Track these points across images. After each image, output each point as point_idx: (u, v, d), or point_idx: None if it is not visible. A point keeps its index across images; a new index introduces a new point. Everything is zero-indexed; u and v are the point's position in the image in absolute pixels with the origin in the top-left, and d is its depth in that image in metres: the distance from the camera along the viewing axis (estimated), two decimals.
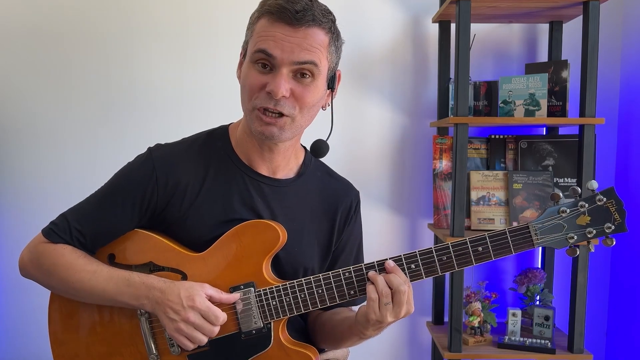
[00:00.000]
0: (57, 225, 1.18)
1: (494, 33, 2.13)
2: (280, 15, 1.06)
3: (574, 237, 1.05)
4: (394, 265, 1.08)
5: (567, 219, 1.05)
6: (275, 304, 1.13)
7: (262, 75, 1.09)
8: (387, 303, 1.05)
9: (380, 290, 1.05)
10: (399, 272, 1.07)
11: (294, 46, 1.07)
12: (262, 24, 1.09)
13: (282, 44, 1.06)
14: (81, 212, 1.19)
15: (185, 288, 1.09)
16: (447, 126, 1.99)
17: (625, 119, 2.09)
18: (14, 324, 2.12)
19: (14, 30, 2.08)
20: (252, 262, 1.15)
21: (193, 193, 1.18)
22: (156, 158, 1.18)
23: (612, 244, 1.04)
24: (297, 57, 1.07)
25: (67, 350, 1.22)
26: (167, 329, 1.11)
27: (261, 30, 1.09)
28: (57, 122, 2.10)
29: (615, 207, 1.03)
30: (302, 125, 1.15)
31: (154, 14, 2.09)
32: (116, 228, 1.18)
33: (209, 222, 1.17)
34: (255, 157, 1.21)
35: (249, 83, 1.11)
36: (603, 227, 1.04)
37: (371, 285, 1.07)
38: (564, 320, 1.93)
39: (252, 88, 1.10)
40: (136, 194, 1.17)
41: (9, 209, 2.11)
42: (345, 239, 1.31)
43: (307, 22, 1.06)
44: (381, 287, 1.06)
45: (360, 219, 1.35)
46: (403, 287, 1.05)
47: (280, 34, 1.07)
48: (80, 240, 1.17)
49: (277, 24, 1.07)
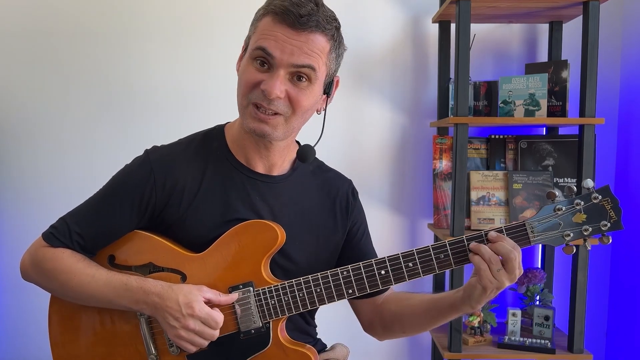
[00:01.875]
0: (56, 229, 1.19)
1: (494, 33, 2.13)
2: (284, 16, 1.07)
3: (570, 234, 1.06)
4: (497, 234, 1.06)
5: (563, 217, 1.05)
6: (273, 303, 1.13)
7: (259, 73, 1.10)
8: (498, 269, 1.04)
9: (488, 258, 1.04)
10: (505, 239, 1.06)
11: (294, 49, 1.07)
12: (266, 22, 1.10)
13: (283, 45, 1.07)
14: (80, 215, 1.19)
15: (183, 294, 1.09)
16: (447, 126, 1.99)
17: (625, 119, 2.09)
18: (14, 324, 2.13)
19: (11, 31, 2.08)
20: (251, 262, 1.15)
21: (191, 194, 1.18)
22: (153, 160, 1.19)
23: (609, 242, 1.05)
24: (295, 60, 1.08)
25: (68, 351, 1.22)
26: (167, 334, 1.12)
27: (264, 29, 1.09)
28: (55, 122, 2.10)
29: (611, 205, 1.04)
30: (294, 126, 1.16)
31: (151, 15, 2.09)
32: (115, 230, 1.19)
33: (207, 223, 1.18)
34: (252, 155, 1.21)
35: (245, 78, 1.12)
36: (599, 224, 1.04)
37: (476, 256, 1.05)
38: (564, 320, 1.93)
39: (247, 84, 1.11)
40: (134, 196, 1.17)
41: (9, 209, 2.12)
42: (356, 227, 1.32)
43: (310, 27, 1.07)
44: (488, 255, 1.04)
45: (360, 204, 1.36)
46: (513, 254, 1.04)
47: (282, 35, 1.07)
48: (80, 243, 1.18)
49: (280, 25, 1.07)
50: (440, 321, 1.21)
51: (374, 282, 1.11)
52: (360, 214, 1.34)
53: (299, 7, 1.06)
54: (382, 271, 1.11)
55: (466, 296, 1.10)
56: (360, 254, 1.30)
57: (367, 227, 1.36)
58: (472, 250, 1.07)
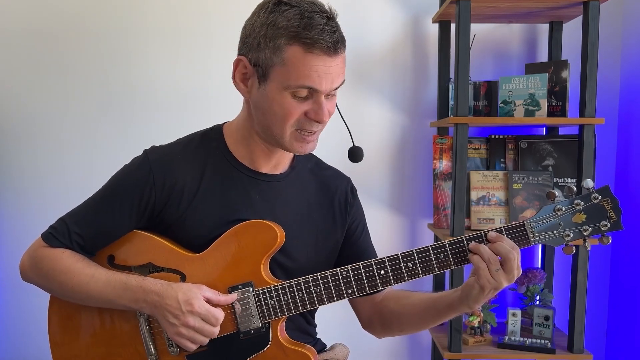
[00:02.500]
0: (56, 229, 1.19)
1: (494, 33, 2.13)
2: (322, 48, 1.05)
3: (570, 234, 1.06)
4: (496, 234, 1.07)
5: (563, 217, 1.06)
6: (273, 303, 1.13)
7: (302, 104, 1.10)
8: (497, 269, 1.04)
9: (487, 258, 1.04)
10: (505, 239, 1.06)
11: (334, 77, 1.09)
12: (298, 54, 1.06)
13: (326, 77, 1.08)
14: (80, 216, 1.19)
15: (183, 291, 1.09)
16: (447, 126, 1.99)
17: (625, 119, 2.09)
18: (14, 324, 2.13)
19: (12, 31, 2.08)
20: (251, 262, 1.15)
21: (190, 194, 1.18)
22: (152, 160, 1.19)
23: (608, 242, 1.05)
24: (336, 85, 1.11)
25: (67, 351, 1.22)
26: (167, 332, 1.12)
27: (300, 64, 1.06)
28: (55, 122, 2.10)
29: (611, 205, 1.04)
30: None
31: (151, 14, 2.09)
32: (115, 230, 1.19)
33: (207, 223, 1.18)
34: (260, 159, 1.22)
35: (287, 111, 1.10)
36: (599, 224, 1.04)
37: (475, 256, 1.06)
38: (564, 320, 1.93)
39: (292, 115, 1.10)
40: (134, 196, 1.17)
41: (9, 209, 2.12)
42: (355, 224, 1.32)
43: (340, 49, 1.09)
44: (487, 255, 1.05)
45: (359, 202, 1.36)
46: (512, 254, 1.04)
47: (322, 67, 1.07)
48: (79, 243, 1.18)
49: (318, 58, 1.06)
50: (438, 321, 1.21)
51: (374, 282, 1.12)
52: (359, 211, 1.35)
53: (332, 33, 1.06)
54: (382, 271, 1.11)
55: (464, 296, 1.10)
56: (359, 251, 1.31)
57: (366, 225, 1.36)
58: (471, 250, 1.07)
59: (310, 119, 1.11)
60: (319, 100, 1.10)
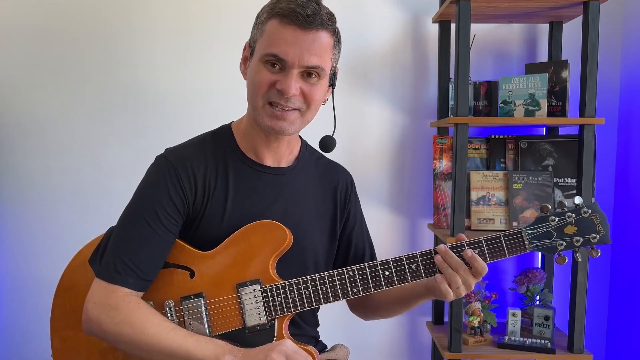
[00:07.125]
0: (111, 266, 1.13)
1: (494, 33, 2.13)
2: (291, 18, 1.11)
3: (563, 243, 1.13)
4: (445, 249, 1.14)
5: (556, 227, 1.13)
6: (280, 300, 1.16)
7: (272, 74, 1.14)
8: (458, 287, 1.14)
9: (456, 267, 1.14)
10: (451, 257, 1.14)
11: (304, 50, 1.12)
12: (273, 25, 1.13)
13: (293, 48, 1.11)
14: (127, 246, 1.14)
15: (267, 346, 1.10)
16: (447, 126, 1.99)
17: (625, 119, 2.09)
18: (14, 324, 2.12)
19: (18, 31, 2.07)
20: (260, 260, 1.18)
21: (206, 192, 1.20)
22: (173, 161, 1.19)
23: (597, 255, 1.13)
24: (306, 62, 1.13)
25: (68, 346, 1.22)
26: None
27: (272, 33, 1.13)
28: (61, 122, 2.09)
29: (599, 219, 1.13)
30: (308, 119, 1.21)
31: (158, 15, 2.09)
32: (163, 244, 1.16)
33: (220, 221, 1.20)
34: (261, 149, 1.24)
35: (259, 80, 1.15)
36: (589, 236, 1.13)
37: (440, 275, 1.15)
38: (564, 320, 1.93)
39: (262, 85, 1.15)
40: (170, 202, 1.16)
41: (12, 209, 2.11)
42: (352, 216, 1.37)
43: (316, 25, 1.12)
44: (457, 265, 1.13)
45: (357, 197, 1.41)
46: (455, 277, 1.13)
47: (291, 37, 1.11)
48: (137, 273, 1.13)
49: (288, 27, 1.11)
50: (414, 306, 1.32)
51: (378, 282, 1.16)
52: (357, 202, 1.40)
53: (304, 7, 1.10)
54: (386, 272, 1.16)
55: (430, 293, 1.22)
56: (349, 244, 1.36)
57: (362, 216, 1.41)
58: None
59: (278, 91, 1.14)
60: (288, 72, 1.13)
